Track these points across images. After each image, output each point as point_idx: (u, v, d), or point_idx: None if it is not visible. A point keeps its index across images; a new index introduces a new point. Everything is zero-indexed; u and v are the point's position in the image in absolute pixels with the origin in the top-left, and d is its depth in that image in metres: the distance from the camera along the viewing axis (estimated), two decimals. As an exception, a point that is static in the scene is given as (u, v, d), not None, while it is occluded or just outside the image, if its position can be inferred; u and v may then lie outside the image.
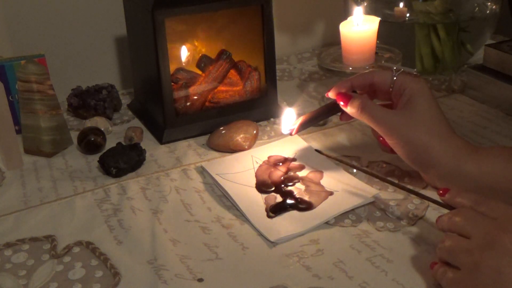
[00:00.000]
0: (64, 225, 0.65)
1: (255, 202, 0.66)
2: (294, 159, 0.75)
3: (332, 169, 0.72)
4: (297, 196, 0.67)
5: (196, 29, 0.88)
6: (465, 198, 0.54)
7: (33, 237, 0.63)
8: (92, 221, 0.66)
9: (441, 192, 0.57)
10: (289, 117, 0.73)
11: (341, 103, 0.67)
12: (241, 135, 0.78)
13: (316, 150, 0.72)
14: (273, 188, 0.69)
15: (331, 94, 0.69)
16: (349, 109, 0.67)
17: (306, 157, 0.75)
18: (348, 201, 0.65)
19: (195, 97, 0.85)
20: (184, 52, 0.88)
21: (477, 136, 0.80)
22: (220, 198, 0.69)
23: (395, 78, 0.66)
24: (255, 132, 0.79)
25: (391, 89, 0.66)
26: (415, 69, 0.67)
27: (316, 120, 0.73)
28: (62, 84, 0.94)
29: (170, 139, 0.83)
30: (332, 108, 0.70)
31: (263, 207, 0.65)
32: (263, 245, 0.60)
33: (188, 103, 0.84)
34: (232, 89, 0.87)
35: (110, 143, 0.80)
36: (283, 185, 0.69)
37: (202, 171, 0.75)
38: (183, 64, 0.88)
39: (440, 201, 0.58)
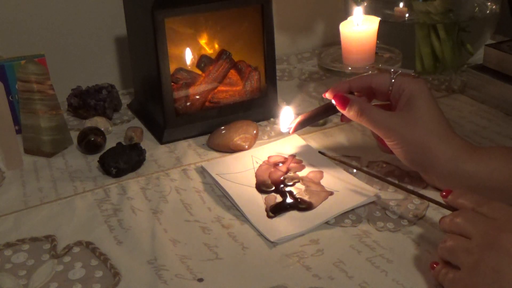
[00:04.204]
0: (64, 225, 0.65)
1: (255, 202, 0.66)
2: (294, 156, 0.75)
3: (332, 169, 0.72)
4: (297, 196, 0.67)
5: (196, 29, 0.88)
6: (467, 200, 0.54)
7: (33, 237, 0.63)
8: (92, 221, 0.66)
9: (444, 193, 0.57)
10: (287, 115, 0.73)
11: (339, 106, 0.67)
12: (241, 135, 0.78)
13: (320, 152, 0.72)
14: (273, 188, 0.69)
15: (328, 95, 0.69)
16: (348, 113, 0.67)
17: (306, 157, 0.75)
18: (348, 201, 0.65)
19: (195, 97, 0.85)
20: (189, 55, 0.88)
21: (477, 136, 0.80)
22: (220, 198, 0.69)
23: (393, 80, 0.66)
24: (255, 132, 0.79)
25: (390, 91, 0.66)
26: (413, 70, 0.67)
27: (314, 119, 0.73)
28: (62, 84, 0.94)
29: (170, 139, 0.83)
30: (331, 108, 0.70)
31: (263, 207, 0.65)
32: (263, 245, 0.60)
33: (188, 103, 0.84)
34: (232, 89, 0.87)
35: (110, 143, 0.80)
36: (283, 185, 0.69)
37: (202, 171, 0.75)
38: (188, 66, 0.88)
39: (438, 200, 0.58)
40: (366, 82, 0.68)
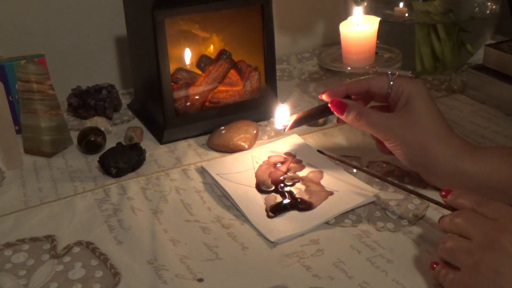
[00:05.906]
0: (64, 225, 0.65)
1: (255, 202, 0.66)
2: (294, 156, 0.75)
3: (332, 169, 0.72)
4: (297, 196, 0.67)
5: (195, 29, 0.88)
6: (466, 200, 0.54)
7: (33, 237, 0.63)
8: (92, 221, 0.66)
9: (443, 193, 0.57)
10: (283, 113, 0.73)
11: (336, 111, 0.67)
12: (241, 135, 0.78)
13: (318, 151, 0.72)
14: (273, 188, 0.69)
15: (325, 98, 0.69)
16: (346, 118, 0.67)
17: (306, 157, 0.75)
18: (348, 201, 0.65)
19: (195, 97, 0.85)
20: (188, 55, 0.88)
21: (477, 136, 0.80)
22: (220, 198, 0.69)
23: (391, 83, 0.66)
24: (255, 132, 0.79)
25: (389, 94, 0.66)
26: (410, 72, 0.68)
27: (311, 118, 0.73)
28: (62, 84, 0.94)
29: (170, 139, 0.83)
30: (328, 108, 0.70)
31: (263, 207, 0.65)
32: (263, 245, 0.60)
33: (188, 103, 0.84)
34: (232, 89, 0.87)
35: (110, 143, 0.80)
36: (283, 185, 0.69)
37: (202, 171, 0.75)
38: (188, 66, 0.88)
39: (439, 200, 0.58)
40: (364, 85, 0.68)
